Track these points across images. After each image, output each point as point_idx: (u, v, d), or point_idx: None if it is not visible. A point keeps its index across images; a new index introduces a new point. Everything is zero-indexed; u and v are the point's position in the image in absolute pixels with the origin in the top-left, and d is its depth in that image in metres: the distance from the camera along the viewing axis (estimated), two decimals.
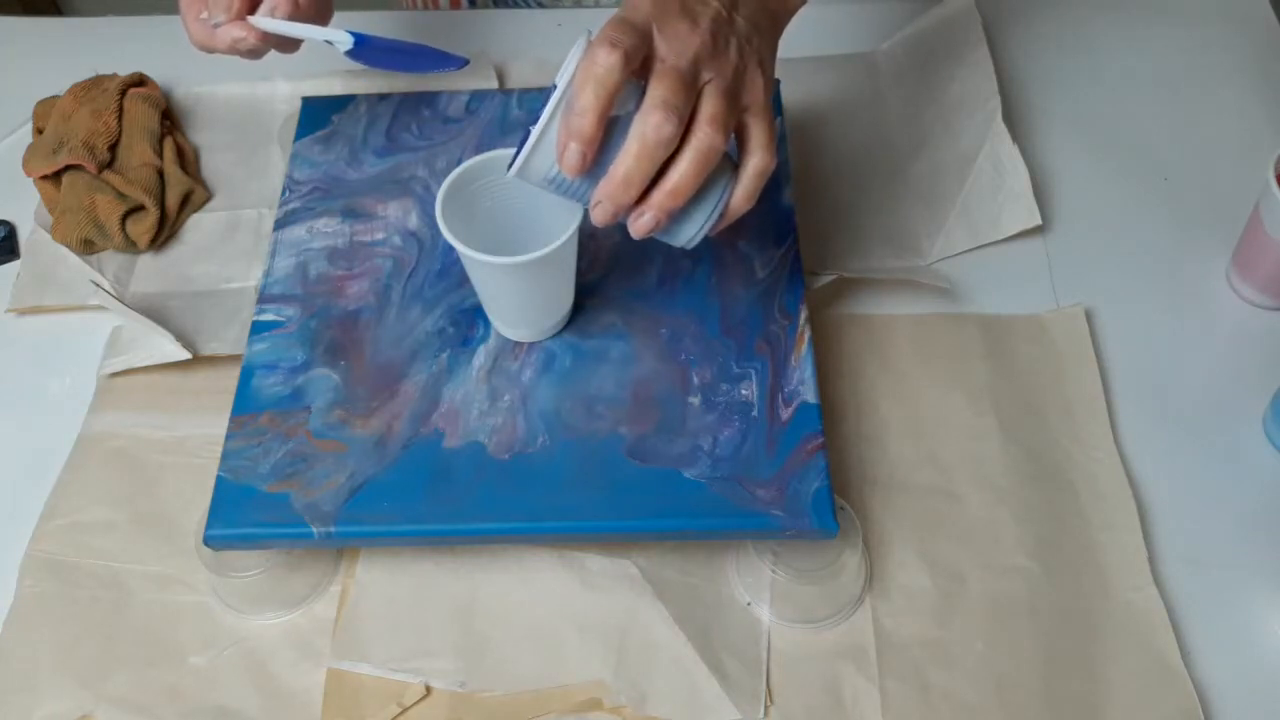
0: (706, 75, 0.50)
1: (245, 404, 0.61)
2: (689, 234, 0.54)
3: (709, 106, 0.50)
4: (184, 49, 0.65)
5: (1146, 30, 0.87)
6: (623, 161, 0.49)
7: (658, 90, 0.49)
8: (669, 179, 0.50)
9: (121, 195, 0.74)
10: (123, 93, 0.79)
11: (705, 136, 0.50)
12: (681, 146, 0.50)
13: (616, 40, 0.48)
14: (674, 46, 0.50)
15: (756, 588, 0.60)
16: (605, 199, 0.50)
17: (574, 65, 0.49)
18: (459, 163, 0.59)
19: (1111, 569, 0.61)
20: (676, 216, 0.53)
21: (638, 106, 0.49)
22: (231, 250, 0.76)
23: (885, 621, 0.60)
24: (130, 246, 0.74)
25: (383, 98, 0.76)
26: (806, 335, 0.63)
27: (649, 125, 0.48)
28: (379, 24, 0.89)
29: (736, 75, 0.52)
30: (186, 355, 0.67)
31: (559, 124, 0.49)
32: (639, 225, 0.51)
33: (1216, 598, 0.61)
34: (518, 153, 0.52)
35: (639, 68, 0.49)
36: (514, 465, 0.58)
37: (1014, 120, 0.79)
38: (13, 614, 0.61)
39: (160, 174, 0.76)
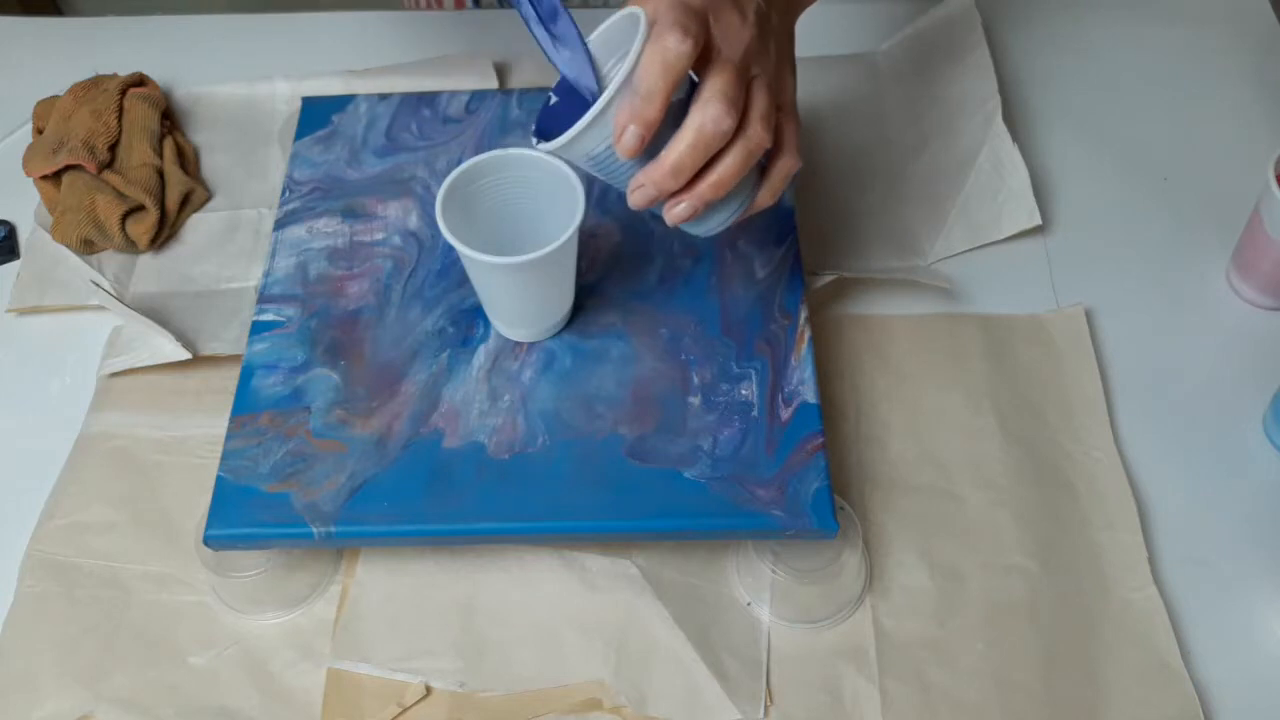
0: (754, 70, 0.50)
1: (245, 404, 0.61)
2: (712, 225, 0.55)
3: (759, 103, 0.50)
4: (184, 49, 0.65)
5: (1147, 30, 0.87)
6: (675, 149, 0.49)
7: (718, 82, 0.48)
8: (714, 171, 0.50)
9: (121, 195, 0.74)
10: (123, 93, 0.79)
11: (756, 134, 0.49)
12: (730, 141, 0.49)
13: (688, 28, 0.47)
14: (729, 38, 0.49)
15: (756, 588, 0.60)
16: (650, 184, 0.50)
17: (638, 46, 0.47)
18: (459, 163, 0.59)
19: (1111, 569, 0.61)
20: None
21: (687, 95, 0.49)
22: (231, 250, 0.76)
23: (885, 621, 0.60)
24: (130, 246, 0.74)
25: (383, 98, 0.76)
26: (806, 335, 0.63)
27: (708, 117, 0.48)
28: (382, 24, 0.89)
29: (777, 72, 0.52)
30: (186, 355, 0.67)
31: (620, 105, 0.48)
32: (675, 213, 0.51)
33: (1216, 598, 0.61)
34: (541, 126, 0.51)
35: None
36: (514, 465, 0.58)
37: (1014, 120, 0.79)
38: (13, 614, 0.61)
39: (160, 174, 0.76)
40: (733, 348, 0.63)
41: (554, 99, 0.52)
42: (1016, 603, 0.60)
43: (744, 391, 0.61)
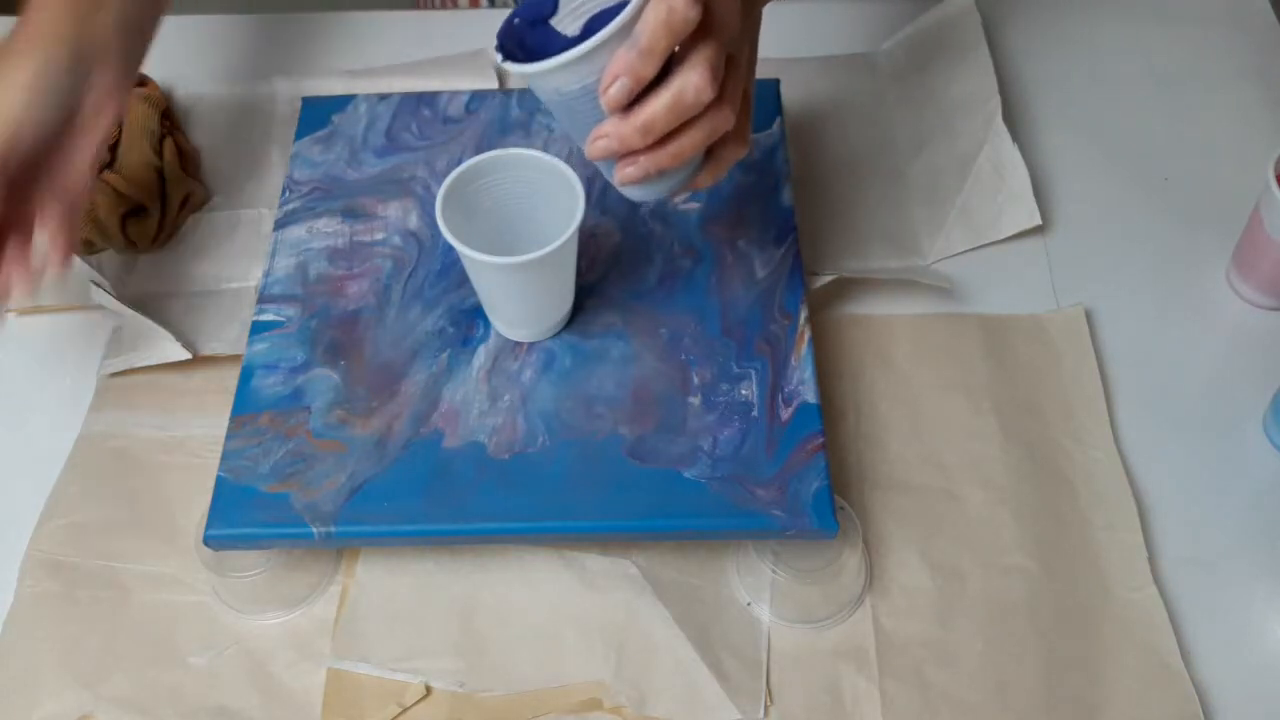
0: (732, 49, 0.49)
1: (245, 404, 0.61)
2: (650, 193, 0.54)
3: (733, 85, 0.49)
4: (184, 49, 0.65)
5: (1146, 30, 0.87)
6: (650, 107, 0.47)
7: (707, 51, 0.47)
8: (677, 141, 0.49)
9: (121, 195, 0.74)
10: None
11: (722, 115, 0.49)
12: (700, 114, 0.48)
13: None
14: (720, 10, 0.48)
15: (756, 588, 0.60)
16: (615, 138, 0.49)
17: None
18: (459, 163, 0.59)
19: (1111, 569, 0.61)
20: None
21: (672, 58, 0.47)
22: (231, 250, 0.75)
23: (885, 621, 0.60)
24: (130, 247, 0.74)
25: (383, 98, 0.76)
26: (806, 335, 0.63)
27: (691, 83, 0.46)
28: (382, 24, 0.89)
29: (749, 58, 0.51)
30: (186, 355, 0.67)
31: (615, 53, 0.46)
32: (627, 173, 0.50)
33: (1216, 598, 0.61)
34: (502, 43, 0.50)
35: None
36: (514, 465, 0.58)
37: (1014, 120, 0.79)
38: (13, 614, 0.61)
39: (160, 174, 0.76)
40: (733, 348, 0.63)
41: (517, 20, 0.51)
42: (1016, 603, 0.60)
43: (744, 391, 0.61)
